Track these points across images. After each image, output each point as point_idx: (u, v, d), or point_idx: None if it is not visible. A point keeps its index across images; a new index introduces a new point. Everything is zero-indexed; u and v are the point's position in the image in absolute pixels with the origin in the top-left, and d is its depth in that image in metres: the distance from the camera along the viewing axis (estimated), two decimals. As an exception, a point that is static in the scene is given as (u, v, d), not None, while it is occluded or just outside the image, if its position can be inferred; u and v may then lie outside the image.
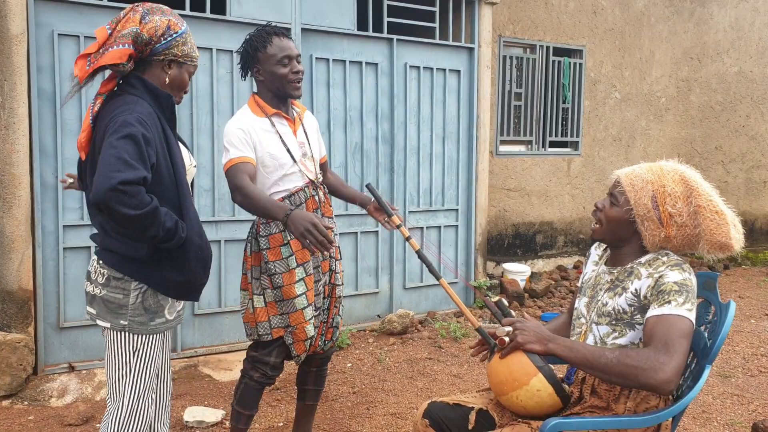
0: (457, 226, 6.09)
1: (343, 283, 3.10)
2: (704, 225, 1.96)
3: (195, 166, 2.38)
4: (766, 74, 9.03)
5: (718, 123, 8.76)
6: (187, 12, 4.53)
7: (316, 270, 2.92)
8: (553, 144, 7.60)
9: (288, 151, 2.83)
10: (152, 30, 2.13)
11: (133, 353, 2.20)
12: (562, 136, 7.58)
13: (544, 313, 5.96)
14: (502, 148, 7.12)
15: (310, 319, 2.86)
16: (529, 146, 7.38)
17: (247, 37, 2.84)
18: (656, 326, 1.86)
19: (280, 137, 2.83)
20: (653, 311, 1.89)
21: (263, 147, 2.80)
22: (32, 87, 4.08)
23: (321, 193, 2.94)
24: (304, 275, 2.85)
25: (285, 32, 2.84)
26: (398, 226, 2.31)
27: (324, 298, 3.00)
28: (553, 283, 6.88)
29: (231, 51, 4.72)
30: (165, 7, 2.22)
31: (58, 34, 4.14)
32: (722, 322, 2.00)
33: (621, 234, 2.09)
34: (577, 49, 7.50)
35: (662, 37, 8.12)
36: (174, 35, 2.17)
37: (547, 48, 7.27)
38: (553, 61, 7.33)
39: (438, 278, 2.28)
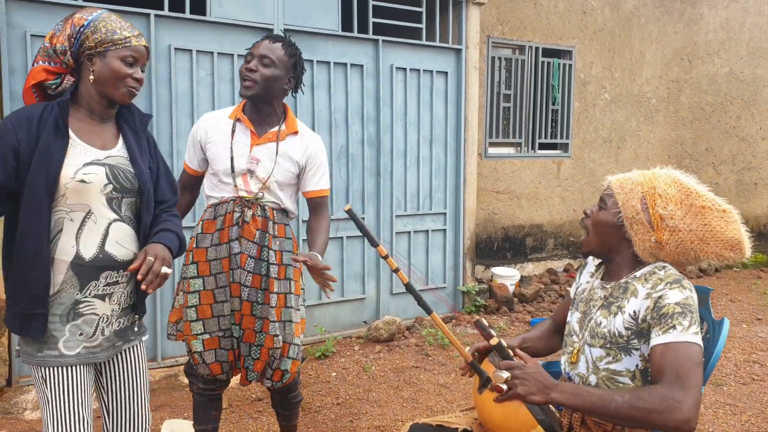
0: (445, 230, 5.98)
1: (282, 320, 2.74)
2: (713, 224, 1.84)
3: (84, 182, 1.95)
4: (756, 75, 8.98)
5: (709, 124, 8.70)
6: (166, 12, 4.41)
7: (220, 290, 2.72)
8: (542, 146, 7.51)
9: (231, 159, 2.69)
10: (62, 38, 1.97)
11: (44, 382, 1.98)
12: (551, 138, 7.49)
13: (534, 318, 5.85)
14: (491, 150, 7.02)
15: (199, 334, 2.72)
16: (519, 148, 7.29)
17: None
18: (664, 357, 1.70)
19: (231, 144, 2.71)
20: (658, 339, 1.74)
21: (212, 147, 2.74)
22: (4, 89, 3.95)
23: (250, 214, 2.68)
24: (201, 289, 2.71)
25: (281, 38, 2.72)
26: (385, 257, 2.13)
27: (234, 324, 2.74)
28: (543, 287, 6.79)
29: (211, 53, 4.60)
30: (80, 9, 2.05)
31: (31, 35, 4.01)
32: (716, 341, 1.89)
33: (609, 240, 1.96)
34: (566, 50, 7.41)
35: (652, 38, 8.05)
36: (80, 30, 1.96)
37: (536, 49, 7.18)
38: (543, 62, 7.24)
39: (429, 312, 2.12)
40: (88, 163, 1.99)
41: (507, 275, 6.52)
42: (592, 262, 2.19)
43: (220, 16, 4.64)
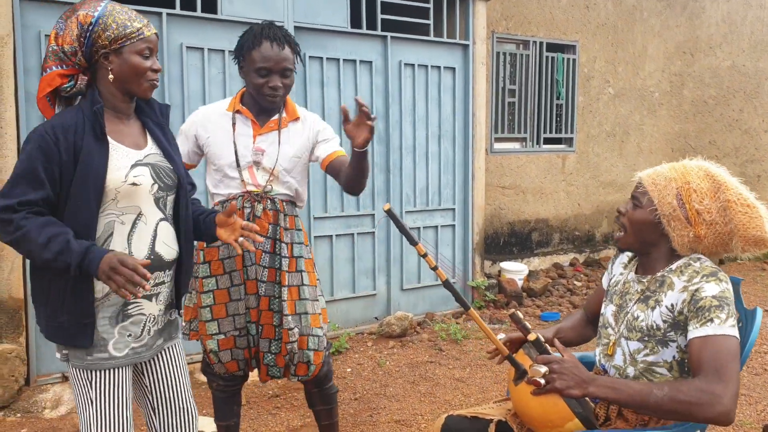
0: (454, 225, 6.01)
1: (297, 313, 2.75)
2: (736, 220, 1.85)
3: (135, 184, 1.96)
4: (758, 68, 9.02)
5: (712, 117, 8.73)
6: (178, 11, 4.42)
7: (234, 288, 2.71)
8: (547, 141, 7.53)
9: (235, 152, 2.66)
10: (70, 39, 1.90)
11: (90, 384, 1.97)
12: (556, 132, 7.52)
13: (544, 313, 5.89)
14: (497, 146, 7.05)
15: (214, 334, 2.71)
16: (524, 143, 7.31)
17: (248, 28, 2.69)
18: (703, 351, 1.74)
19: (233, 137, 2.68)
20: (696, 332, 1.77)
21: (213, 142, 2.69)
22: (19, 90, 3.95)
23: (261, 208, 2.68)
24: (215, 288, 2.70)
25: (282, 38, 2.62)
26: (424, 255, 2.12)
27: (250, 322, 2.75)
28: (551, 281, 6.82)
29: (223, 51, 4.61)
30: (80, 3, 1.95)
31: (45, 35, 4.01)
32: (749, 330, 1.92)
33: (648, 238, 1.96)
34: (570, 45, 7.43)
35: (655, 32, 8.07)
36: (89, 29, 1.89)
37: (540, 44, 7.20)
38: (547, 57, 7.26)
39: (467, 308, 2.13)
40: (134, 165, 1.97)
41: (515, 270, 6.55)
42: (625, 254, 2.20)
43: (231, 14, 4.64)
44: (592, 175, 7.81)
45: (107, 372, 1.98)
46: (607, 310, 2.11)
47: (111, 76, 1.94)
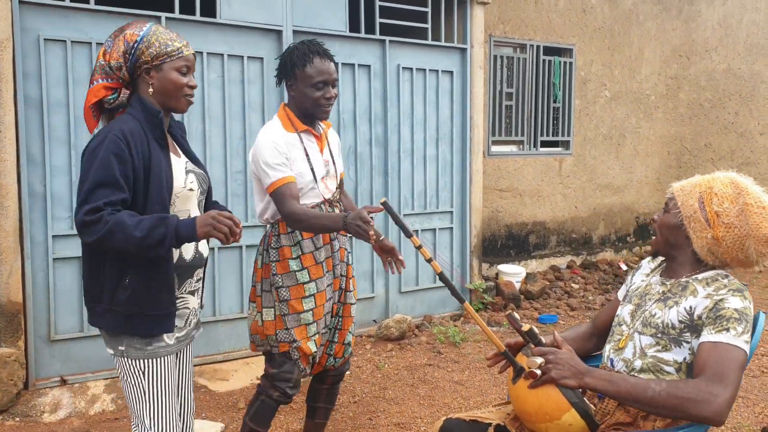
0: (451, 228, 6.02)
1: (355, 302, 3.07)
2: (751, 221, 1.90)
3: (191, 189, 2.19)
4: (754, 71, 9.06)
5: (708, 120, 8.77)
6: (176, 15, 4.43)
7: (328, 287, 2.87)
8: (544, 143, 7.56)
9: (312, 169, 2.79)
10: (116, 55, 2.08)
11: (143, 375, 2.13)
12: (553, 135, 7.55)
13: (542, 315, 5.91)
14: (494, 149, 7.07)
15: (313, 335, 2.81)
16: (521, 146, 7.34)
17: (290, 47, 2.79)
18: (711, 354, 1.78)
19: (307, 155, 2.79)
20: (709, 336, 1.82)
21: (292, 163, 2.77)
22: (18, 94, 3.95)
23: (336, 212, 2.87)
24: (315, 291, 2.80)
25: (327, 53, 2.78)
26: (419, 247, 2.20)
27: (333, 316, 2.97)
28: (548, 284, 6.84)
29: (222, 54, 4.62)
30: (128, 25, 2.14)
31: (45, 39, 4.02)
32: (752, 334, 1.93)
33: (672, 239, 2.04)
34: (567, 48, 7.46)
35: (651, 35, 8.11)
36: (134, 46, 2.07)
37: (537, 47, 7.23)
38: (544, 60, 7.29)
39: (462, 302, 2.17)
40: (187, 172, 2.17)
41: (513, 272, 6.57)
42: (647, 264, 2.27)
43: (229, 17, 4.66)
44: (589, 178, 7.84)
45: (162, 360, 2.15)
46: (624, 311, 2.15)
47: (151, 90, 2.11)
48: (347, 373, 4.49)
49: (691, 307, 1.91)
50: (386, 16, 5.53)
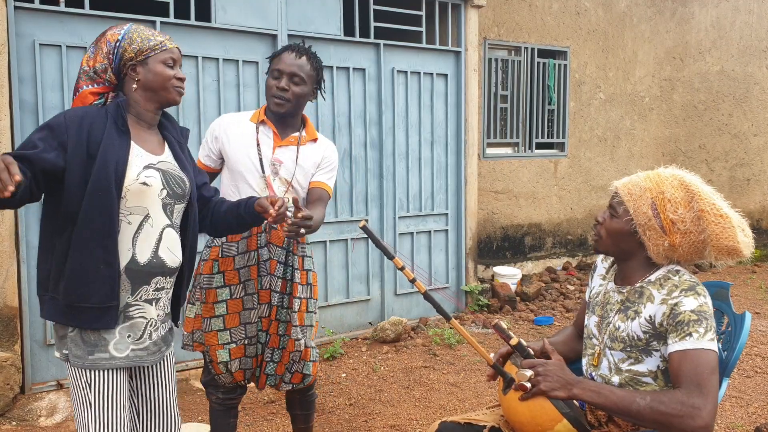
0: (447, 230, 6.04)
1: (304, 324, 2.82)
2: (709, 230, 1.86)
3: (146, 184, 2.02)
4: (747, 73, 9.10)
5: (702, 122, 8.81)
6: (171, 19, 4.45)
7: (247, 297, 2.77)
8: (539, 146, 7.58)
9: (260, 159, 2.73)
10: (100, 58, 2.07)
11: (89, 387, 2.01)
12: (548, 137, 7.57)
13: (537, 317, 5.93)
14: (489, 151, 7.09)
15: (226, 344, 2.74)
16: (516, 148, 7.36)
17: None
18: (682, 364, 1.78)
19: (258, 144, 2.74)
20: (675, 346, 1.81)
21: (231, 147, 2.75)
22: (14, 99, 3.97)
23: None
24: (228, 298, 2.73)
25: (302, 49, 2.73)
26: (401, 268, 2.15)
27: (261, 330, 2.81)
28: (544, 285, 6.86)
29: (217, 59, 4.64)
30: (107, 29, 2.12)
31: (40, 44, 4.03)
32: (738, 334, 1.95)
33: (625, 246, 1.99)
34: (561, 51, 7.49)
35: (645, 37, 8.14)
36: (117, 45, 2.05)
37: (532, 50, 7.25)
38: (538, 63, 7.32)
39: (449, 319, 2.14)
40: (146, 166, 2.05)
41: (509, 274, 6.59)
42: (602, 264, 2.23)
43: (224, 22, 4.67)
44: (584, 180, 7.86)
45: (105, 373, 2.02)
46: (590, 322, 2.14)
47: (134, 86, 2.08)
48: (344, 375, 4.51)
49: (650, 316, 1.89)
50: (381, 19, 5.55)
